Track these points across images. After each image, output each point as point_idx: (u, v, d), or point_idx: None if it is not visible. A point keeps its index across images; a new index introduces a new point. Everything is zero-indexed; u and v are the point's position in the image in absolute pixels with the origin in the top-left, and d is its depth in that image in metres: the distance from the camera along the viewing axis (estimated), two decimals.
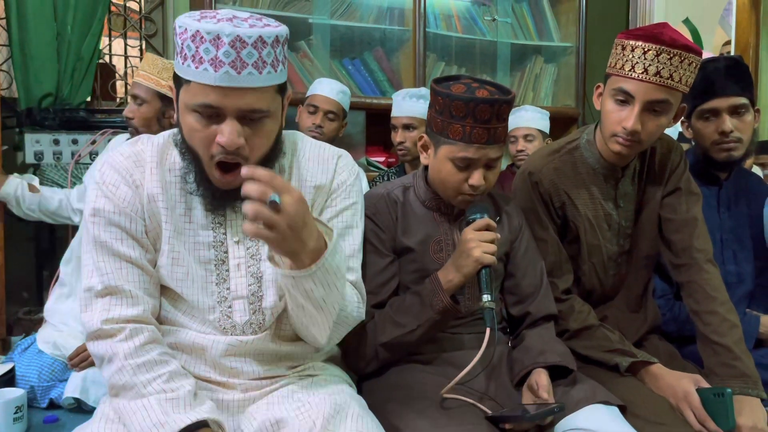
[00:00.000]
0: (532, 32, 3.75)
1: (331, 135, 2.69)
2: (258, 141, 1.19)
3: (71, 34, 2.87)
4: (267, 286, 1.28)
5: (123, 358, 1.16)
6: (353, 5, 3.30)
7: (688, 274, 1.66)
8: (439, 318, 1.43)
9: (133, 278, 1.22)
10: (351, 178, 1.38)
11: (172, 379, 1.17)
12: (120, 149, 1.29)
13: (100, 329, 1.18)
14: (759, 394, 1.51)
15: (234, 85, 1.13)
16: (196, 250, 1.26)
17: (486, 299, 1.36)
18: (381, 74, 3.38)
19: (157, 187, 1.24)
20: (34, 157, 2.71)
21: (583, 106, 3.73)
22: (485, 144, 1.43)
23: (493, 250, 1.39)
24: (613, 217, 1.73)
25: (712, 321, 1.59)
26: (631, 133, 1.53)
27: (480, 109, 1.40)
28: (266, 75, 1.16)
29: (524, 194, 1.72)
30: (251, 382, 1.28)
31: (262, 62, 1.14)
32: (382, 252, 1.52)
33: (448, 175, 1.47)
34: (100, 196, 1.23)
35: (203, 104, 1.14)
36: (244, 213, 1.03)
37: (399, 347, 1.46)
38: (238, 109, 1.14)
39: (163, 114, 2.16)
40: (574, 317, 1.65)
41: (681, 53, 1.48)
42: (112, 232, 1.22)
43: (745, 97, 1.85)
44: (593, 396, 1.38)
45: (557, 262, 1.69)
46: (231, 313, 1.27)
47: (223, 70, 1.11)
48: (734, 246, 1.95)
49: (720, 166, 1.92)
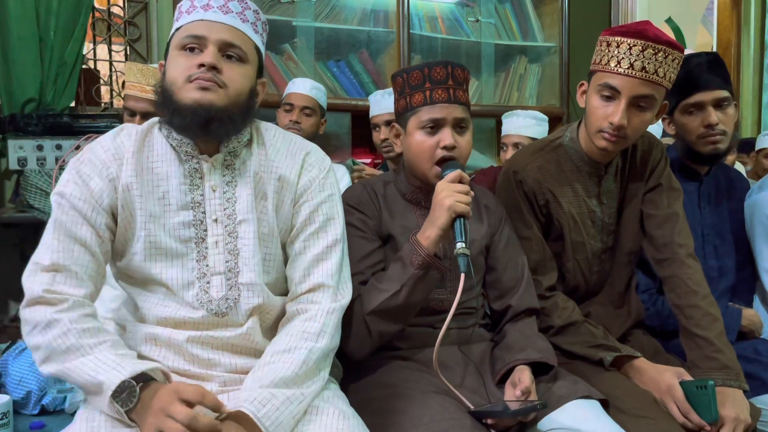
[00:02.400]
0: (515, 33, 3.77)
1: (310, 131, 2.70)
2: (234, 75, 1.29)
3: (54, 39, 2.85)
4: (243, 262, 1.32)
5: (68, 322, 1.16)
6: (337, 8, 3.31)
7: (670, 269, 1.68)
8: (420, 273, 1.40)
9: (82, 262, 1.24)
10: (322, 172, 1.40)
11: (116, 345, 1.19)
12: (102, 140, 1.33)
13: (42, 296, 1.19)
14: (741, 386, 1.52)
15: (218, 20, 1.29)
16: (175, 230, 1.30)
17: (460, 246, 1.36)
18: (366, 76, 3.38)
19: (131, 176, 1.29)
20: (17, 163, 2.69)
21: (568, 106, 3.75)
22: (447, 102, 1.48)
23: (467, 200, 1.39)
24: (597, 214, 1.74)
25: (694, 315, 1.61)
26: (618, 128, 1.54)
27: (435, 71, 1.49)
28: (246, 27, 1.33)
29: (508, 193, 1.73)
30: (229, 375, 1.29)
31: (244, 17, 1.33)
32: (370, 237, 1.53)
33: (420, 144, 1.49)
34: (71, 182, 1.27)
35: (189, 35, 1.28)
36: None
37: (387, 314, 1.42)
38: (219, 39, 1.28)
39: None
40: (558, 314, 1.66)
41: (666, 49, 1.51)
42: (73, 216, 1.25)
43: (727, 90, 1.87)
44: (575, 391, 1.39)
45: (541, 260, 1.71)
46: (208, 288, 1.30)
47: (212, 11, 1.30)
48: (715, 241, 1.97)
49: (705, 160, 1.93)
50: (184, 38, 1.29)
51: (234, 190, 1.34)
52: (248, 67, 1.33)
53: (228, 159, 1.34)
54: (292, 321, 1.32)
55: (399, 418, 1.30)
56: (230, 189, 1.34)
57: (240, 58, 1.31)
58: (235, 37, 1.30)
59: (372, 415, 1.31)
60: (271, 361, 1.23)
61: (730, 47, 4.76)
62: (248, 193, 1.33)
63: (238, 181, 1.34)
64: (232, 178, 1.34)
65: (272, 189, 1.36)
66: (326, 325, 1.30)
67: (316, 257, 1.35)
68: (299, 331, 1.28)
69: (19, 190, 2.73)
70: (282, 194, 1.37)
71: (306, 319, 1.30)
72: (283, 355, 1.24)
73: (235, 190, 1.34)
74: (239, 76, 1.30)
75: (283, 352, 1.24)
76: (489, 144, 3.69)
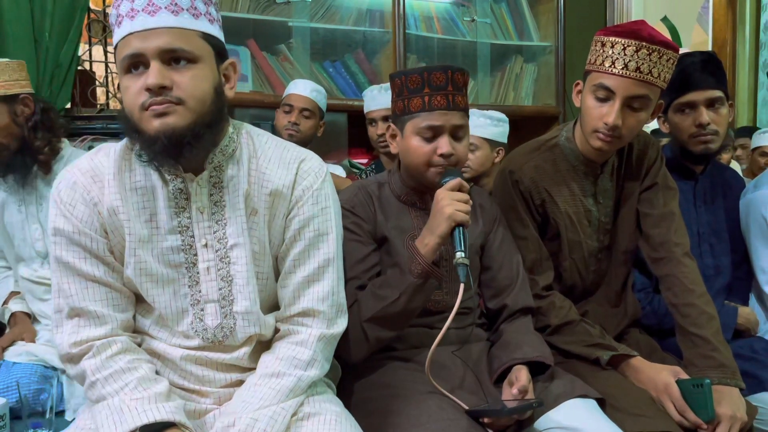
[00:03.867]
0: (511, 32, 3.77)
1: (308, 133, 2.70)
2: (187, 82, 1.15)
3: (49, 40, 2.84)
4: (238, 290, 1.26)
5: (91, 374, 1.18)
6: (333, 8, 3.30)
7: (667, 268, 1.68)
8: (419, 282, 1.40)
9: (100, 297, 1.22)
10: (317, 182, 1.31)
11: (140, 385, 1.17)
12: (78, 164, 1.26)
13: (69, 353, 1.20)
14: (737, 384, 1.53)
15: (148, 27, 1.13)
16: (164, 255, 1.25)
17: (459, 256, 1.35)
18: (362, 76, 3.38)
19: (117, 199, 1.22)
20: None
21: (564, 105, 3.75)
22: (446, 109, 1.46)
23: (466, 209, 1.39)
24: (593, 213, 1.75)
25: (690, 313, 1.61)
26: (613, 128, 1.54)
27: (434, 76, 1.46)
28: (182, 18, 1.16)
29: (505, 193, 1.73)
30: (224, 390, 1.28)
31: (177, 6, 1.16)
32: (365, 240, 1.52)
33: (417, 150, 1.48)
34: (59, 215, 1.22)
35: (126, 55, 1.15)
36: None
37: (384, 321, 1.42)
38: (156, 48, 1.13)
39: (15, 114, 1.98)
40: (555, 313, 1.66)
41: (660, 49, 1.51)
42: (74, 251, 1.21)
43: (721, 90, 1.88)
44: (572, 391, 1.40)
45: (538, 259, 1.71)
46: (203, 316, 1.26)
47: (138, 18, 1.14)
48: (711, 239, 1.98)
49: (697, 159, 1.94)
50: (123, 60, 1.16)
51: (223, 212, 1.25)
52: (201, 65, 1.18)
53: (214, 175, 1.25)
54: (282, 341, 1.29)
55: (396, 418, 1.31)
56: (219, 210, 1.25)
57: (188, 59, 1.16)
58: (173, 39, 1.14)
59: (369, 416, 1.31)
60: (258, 384, 1.22)
61: (726, 46, 4.77)
62: (238, 214, 1.25)
63: (227, 200, 1.25)
64: (220, 197, 1.25)
65: (264, 205, 1.27)
66: (317, 353, 1.27)
67: (306, 278, 1.29)
68: (290, 356, 1.25)
69: None
70: (274, 208, 1.29)
71: (296, 343, 1.27)
72: (270, 379, 1.22)
73: (224, 211, 1.25)
74: (193, 80, 1.16)
75: (271, 377, 1.22)
76: None
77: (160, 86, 1.13)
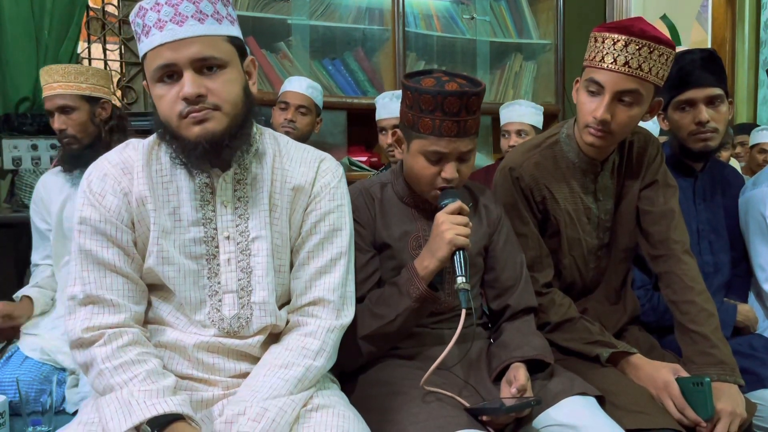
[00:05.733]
0: (511, 30, 3.77)
1: (305, 130, 2.69)
2: (220, 88, 1.21)
3: (48, 38, 2.85)
4: (256, 281, 1.29)
5: (101, 362, 1.18)
6: (332, 6, 3.31)
7: (666, 265, 1.68)
8: (417, 306, 1.41)
9: (117, 286, 1.24)
10: (335, 180, 1.38)
11: (149, 377, 1.18)
12: (108, 157, 1.31)
13: (81, 338, 1.20)
14: (737, 381, 1.53)
15: (179, 37, 1.18)
16: (187, 246, 1.28)
17: (460, 281, 1.36)
18: (362, 74, 3.38)
19: (145, 189, 1.26)
20: (12, 163, 2.68)
21: (563, 103, 3.76)
22: (455, 137, 1.43)
23: (467, 232, 1.39)
24: (593, 211, 1.75)
25: (689, 310, 1.61)
26: (601, 122, 1.55)
27: (448, 101, 1.40)
28: (209, 25, 1.20)
29: (505, 190, 1.73)
30: (232, 380, 1.29)
31: (202, 14, 1.20)
32: (363, 248, 1.52)
33: (421, 170, 1.47)
34: (87, 205, 1.25)
35: (159, 66, 1.19)
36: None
37: (380, 339, 1.45)
38: (189, 58, 1.18)
39: (94, 114, 2.21)
40: (554, 310, 1.66)
41: (650, 44, 1.50)
42: (98, 240, 1.24)
43: (720, 88, 1.88)
44: (571, 388, 1.40)
45: (538, 256, 1.71)
46: (220, 306, 1.28)
47: (167, 28, 1.18)
48: (711, 236, 1.98)
49: (696, 157, 1.94)
50: (155, 71, 1.20)
51: (246, 206, 1.30)
52: (231, 69, 1.24)
53: (239, 172, 1.30)
54: (291, 333, 1.31)
55: (396, 415, 1.31)
56: (242, 205, 1.30)
57: (219, 65, 1.21)
58: (204, 47, 1.19)
59: (369, 413, 1.31)
60: (267, 374, 1.23)
61: (725, 44, 4.77)
62: (261, 209, 1.30)
63: (250, 196, 1.30)
64: (243, 193, 1.30)
65: (286, 200, 1.33)
66: (326, 344, 1.29)
67: (319, 270, 1.33)
68: (299, 347, 1.27)
69: (14, 189, 2.72)
70: (295, 203, 1.34)
71: (305, 334, 1.29)
72: (279, 370, 1.23)
73: (247, 206, 1.30)
74: (226, 85, 1.22)
75: (280, 367, 1.23)
76: (485, 141, 3.69)
77: (197, 95, 1.18)
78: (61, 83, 2.16)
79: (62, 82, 2.16)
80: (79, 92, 2.16)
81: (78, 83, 2.17)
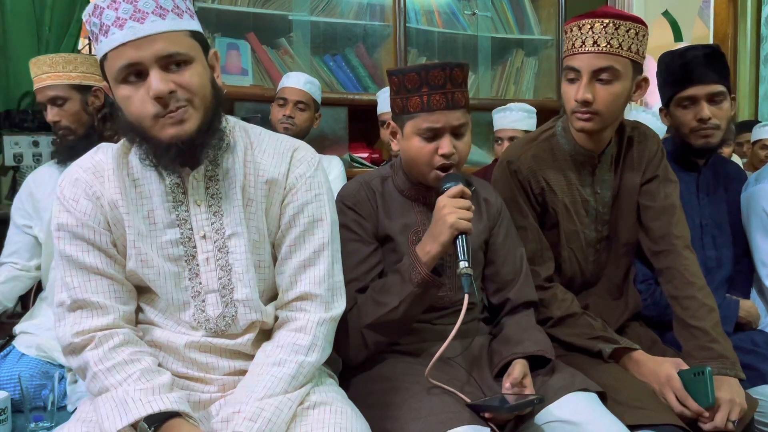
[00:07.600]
0: (512, 26, 3.77)
1: (304, 126, 2.69)
2: (189, 81, 1.17)
3: (49, 34, 2.85)
4: (237, 278, 1.28)
5: (93, 365, 1.18)
6: (333, 1, 3.30)
7: (667, 261, 1.68)
8: (419, 291, 1.40)
9: (102, 289, 1.23)
10: (311, 170, 1.33)
11: (143, 376, 1.17)
12: (79, 162, 1.28)
13: (72, 343, 1.20)
14: (737, 375, 1.53)
15: (141, 35, 1.13)
16: (164, 249, 1.26)
17: (463, 266, 1.35)
18: (363, 70, 3.38)
19: (116, 193, 1.24)
20: (13, 159, 2.69)
21: None
22: (445, 109, 1.44)
23: (469, 216, 1.38)
24: (590, 203, 1.75)
25: (690, 306, 1.61)
26: (583, 103, 1.57)
27: (432, 75, 1.43)
28: (170, 21, 1.16)
29: (504, 183, 1.73)
30: (228, 378, 1.28)
31: (162, 9, 1.16)
32: (366, 240, 1.51)
33: (418, 150, 1.47)
34: (62, 211, 1.24)
35: (123, 66, 1.15)
36: None
37: (384, 327, 1.43)
38: (154, 56, 1.14)
39: (87, 103, 2.16)
40: (557, 305, 1.66)
41: (614, 21, 1.54)
42: (77, 244, 1.23)
43: (723, 85, 1.88)
44: (572, 384, 1.39)
45: (538, 249, 1.71)
46: (204, 307, 1.27)
47: (127, 26, 1.13)
48: (713, 231, 1.98)
49: (698, 153, 1.95)
50: (119, 71, 1.15)
51: (220, 203, 1.27)
52: (197, 64, 1.20)
53: (210, 168, 1.27)
54: (282, 329, 1.30)
55: (397, 411, 1.31)
56: (215, 202, 1.28)
57: (185, 61, 1.17)
58: (168, 44, 1.15)
59: (370, 409, 1.31)
60: (260, 373, 1.22)
61: (727, 39, 4.76)
62: (235, 204, 1.27)
63: (223, 192, 1.28)
64: (216, 190, 1.28)
65: (261, 194, 1.30)
66: (317, 338, 1.27)
67: (302, 263, 1.30)
68: (290, 343, 1.25)
69: (16, 186, 2.72)
70: (270, 196, 1.31)
71: (296, 330, 1.28)
72: (272, 368, 1.22)
73: (221, 202, 1.27)
74: (194, 78, 1.18)
75: (273, 365, 1.22)
76: (486, 138, 3.68)
77: (170, 91, 1.14)
78: (50, 74, 2.10)
79: (51, 73, 2.10)
80: (69, 81, 2.10)
81: (67, 72, 2.12)
